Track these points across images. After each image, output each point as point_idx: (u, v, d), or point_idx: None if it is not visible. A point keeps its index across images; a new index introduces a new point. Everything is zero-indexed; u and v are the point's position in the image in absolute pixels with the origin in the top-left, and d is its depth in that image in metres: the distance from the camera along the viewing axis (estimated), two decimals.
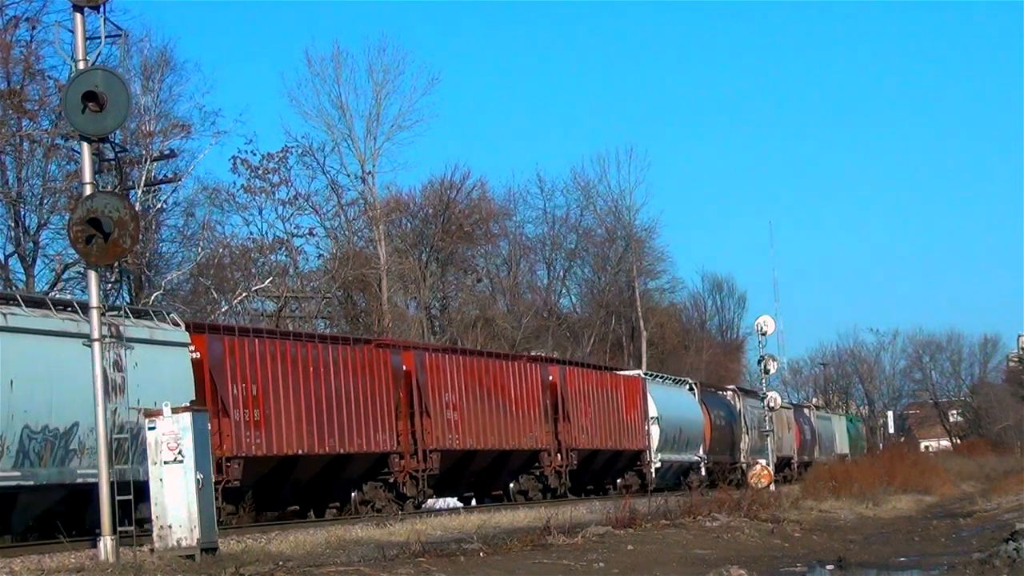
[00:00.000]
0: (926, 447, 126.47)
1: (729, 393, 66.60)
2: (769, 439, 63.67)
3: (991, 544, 25.35)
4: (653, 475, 51.94)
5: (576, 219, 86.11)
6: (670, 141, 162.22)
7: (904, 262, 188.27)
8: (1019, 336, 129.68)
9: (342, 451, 34.30)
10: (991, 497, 48.90)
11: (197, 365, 29.70)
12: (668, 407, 54.33)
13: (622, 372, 54.49)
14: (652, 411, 52.62)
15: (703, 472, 57.33)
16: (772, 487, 52.71)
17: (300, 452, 32.95)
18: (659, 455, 52.70)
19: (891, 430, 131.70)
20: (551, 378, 45.20)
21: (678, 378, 62.14)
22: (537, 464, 44.15)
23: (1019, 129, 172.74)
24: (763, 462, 60.57)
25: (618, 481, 51.27)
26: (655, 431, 52.55)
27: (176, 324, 29.30)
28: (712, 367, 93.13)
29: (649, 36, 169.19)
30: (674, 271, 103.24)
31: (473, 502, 42.94)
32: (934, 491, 54.45)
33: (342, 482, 35.63)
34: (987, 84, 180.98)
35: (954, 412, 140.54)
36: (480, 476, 42.38)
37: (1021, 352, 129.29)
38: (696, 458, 57.59)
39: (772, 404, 64.17)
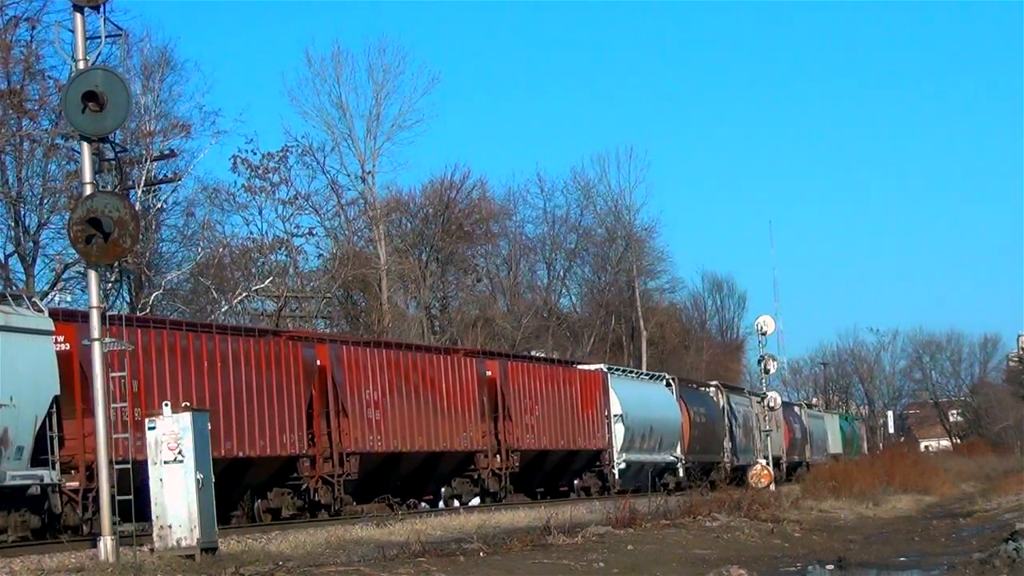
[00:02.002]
0: (926, 447, 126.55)
1: (712, 389, 63.46)
2: (769, 438, 63.35)
3: (991, 544, 25.36)
4: (616, 476, 48.57)
5: (576, 219, 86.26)
6: (670, 141, 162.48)
7: (904, 262, 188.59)
8: (1019, 336, 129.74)
9: (241, 455, 30.77)
10: (991, 497, 48.91)
11: (65, 357, 26.47)
12: (635, 404, 50.57)
13: (581, 366, 50.53)
14: (615, 408, 49.04)
15: (681, 473, 54.22)
16: (772, 487, 52.63)
17: None
18: (623, 455, 49.11)
19: (891, 430, 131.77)
20: (489, 373, 41.60)
21: (654, 373, 59.43)
22: (473, 466, 40.84)
23: (1019, 129, 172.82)
24: (763, 462, 60.28)
25: (575, 483, 48.30)
26: (619, 429, 48.98)
27: (39, 310, 26.46)
28: (712, 367, 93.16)
29: (649, 36, 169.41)
30: (674, 271, 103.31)
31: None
32: (934, 491, 54.48)
33: (243, 489, 32.19)
34: (987, 84, 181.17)
35: (954, 412, 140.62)
36: (408, 480, 38.86)
37: (1021, 352, 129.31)
38: (672, 458, 54.21)
39: (772, 404, 63.57)
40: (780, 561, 25.42)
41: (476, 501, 40.33)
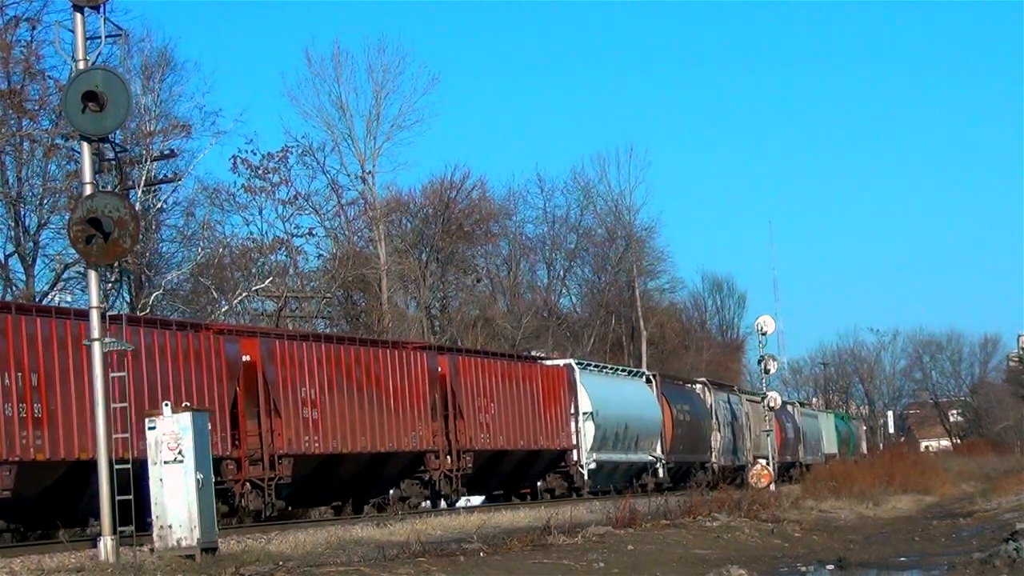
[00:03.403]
0: (926, 447, 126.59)
1: (698, 386, 61.34)
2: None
3: (991, 544, 25.37)
4: (585, 477, 46.25)
5: (576, 219, 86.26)
6: (670, 141, 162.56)
7: (904, 262, 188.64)
8: (1019, 336, 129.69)
9: None
10: (991, 497, 48.94)
11: None
12: (608, 401, 47.87)
13: (547, 361, 47.77)
14: (584, 405, 46.39)
15: (661, 474, 52.26)
16: (772, 487, 52.57)
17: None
18: (594, 455, 46.60)
19: (891, 430, 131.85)
20: (440, 369, 39.10)
21: (633, 369, 57.28)
22: (423, 468, 38.32)
23: (1018, 129, 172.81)
24: (763, 462, 60.04)
25: (538, 484, 45.80)
26: (588, 428, 46.40)
27: None
28: (712, 367, 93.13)
29: (649, 36, 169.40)
30: (674, 271, 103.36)
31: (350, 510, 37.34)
32: (934, 491, 54.50)
33: None
34: (986, 84, 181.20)
35: (954, 412, 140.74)
36: (352, 483, 36.50)
37: (1021, 352, 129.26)
38: (651, 458, 51.81)
39: (772, 404, 63.24)
40: (780, 561, 25.43)
41: (427, 504, 38.86)
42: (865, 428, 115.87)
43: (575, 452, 46.28)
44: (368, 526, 27.66)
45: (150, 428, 20.38)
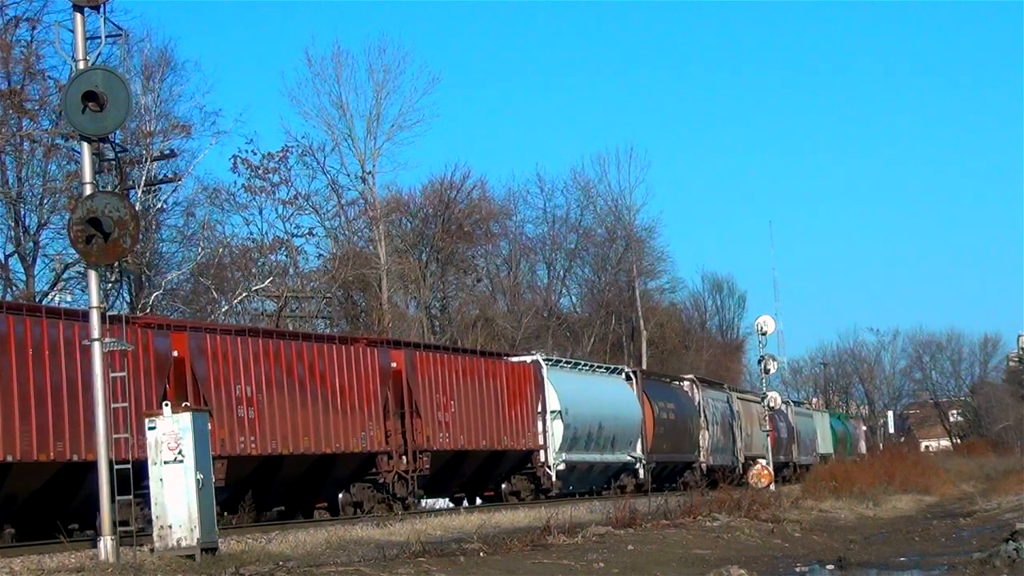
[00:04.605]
0: (926, 447, 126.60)
1: (686, 383, 59.38)
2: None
3: (991, 544, 25.38)
4: (553, 478, 44.42)
5: (576, 219, 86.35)
6: (670, 141, 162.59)
7: (904, 262, 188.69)
8: (1019, 336, 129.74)
9: (76, 458, 26.26)
10: (991, 497, 48.91)
11: None
12: (579, 399, 45.84)
13: (513, 358, 45.70)
14: (552, 403, 44.52)
15: (642, 474, 50.25)
16: (772, 487, 52.53)
17: (10, 459, 25.11)
18: (563, 455, 44.67)
19: (891, 430, 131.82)
20: (394, 365, 36.92)
21: (612, 366, 55.04)
22: (375, 469, 36.07)
23: (1019, 129, 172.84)
24: (762, 462, 59.92)
25: (503, 486, 43.88)
26: (557, 427, 44.46)
27: None
28: (712, 367, 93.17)
29: (650, 37, 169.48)
30: (674, 271, 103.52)
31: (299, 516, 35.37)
32: (934, 491, 54.47)
33: (82, 498, 26.57)
34: (986, 84, 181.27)
35: (954, 412, 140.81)
36: (296, 486, 34.34)
37: (1021, 352, 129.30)
38: (630, 458, 49.73)
39: (772, 403, 62.94)
40: (780, 561, 25.44)
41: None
42: (865, 428, 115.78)
43: (542, 453, 44.31)
44: (368, 526, 27.67)
45: (150, 428, 20.37)
